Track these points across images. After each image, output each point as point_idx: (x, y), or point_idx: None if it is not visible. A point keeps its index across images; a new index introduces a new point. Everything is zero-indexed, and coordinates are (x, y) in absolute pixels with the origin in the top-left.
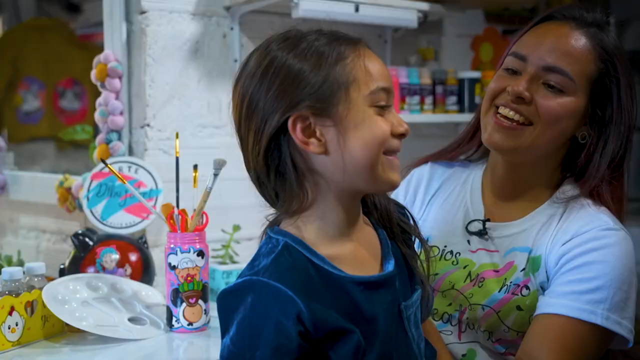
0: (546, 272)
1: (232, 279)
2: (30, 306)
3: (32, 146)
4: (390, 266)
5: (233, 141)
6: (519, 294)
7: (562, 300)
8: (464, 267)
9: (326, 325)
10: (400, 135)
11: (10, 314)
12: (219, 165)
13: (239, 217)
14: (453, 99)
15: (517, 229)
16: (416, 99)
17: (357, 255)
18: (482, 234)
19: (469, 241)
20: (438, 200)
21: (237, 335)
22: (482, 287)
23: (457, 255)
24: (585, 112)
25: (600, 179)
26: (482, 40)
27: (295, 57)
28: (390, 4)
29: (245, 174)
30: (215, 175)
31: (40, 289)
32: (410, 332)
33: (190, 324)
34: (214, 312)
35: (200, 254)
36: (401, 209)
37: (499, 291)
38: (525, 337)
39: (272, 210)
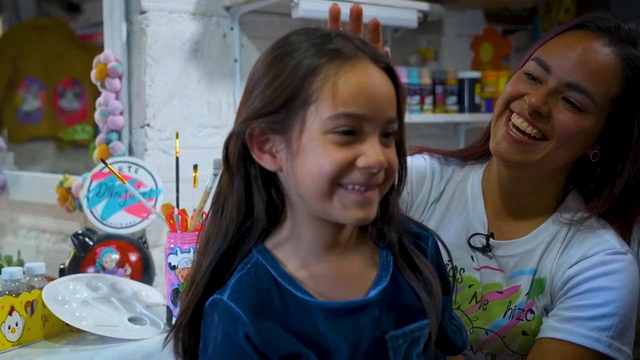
0: (550, 294)
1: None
2: (30, 306)
3: (32, 146)
4: (374, 292)
5: None
6: (524, 318)
7: (567, 326)
8: (469, 287)
9: (277, 349)
10: (365, 169)
11: (10, 314)
12: (219, 165)
13: None
14: (453, 99)
15: (522, 249)
16: (416, 99)
17: (334, 278)
18: (485, 250)
19: (472, 257)
20: (440, 206)
21: (213, 352)
22: (486, 311)
23: (462, 271)
24: (600, 131)
25: (610, 203)
26: (482, 40)
27: (273, 60)
28: (390, 4)
29: None
30: (215, 175)
31: (40, 289)
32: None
33: None
34: None
35: None
36: (416, 237)
37: (504, 316)
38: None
39: None
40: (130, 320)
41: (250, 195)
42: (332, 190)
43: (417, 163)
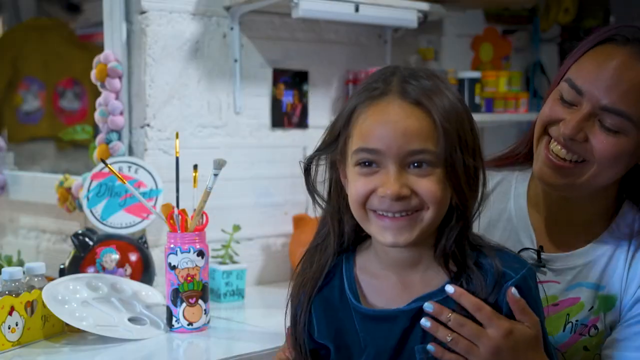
0: (620, 313)
1: (232, 279)
2: (30, 306)
3: (32, 146)
4: (411, 305)
5: (233, 141)
6: (587, 334)
7: (626, 353)
8: None
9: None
10: (382, 197)
11: (10, 314)
12: (219, 165)
13: (239, 217)
14: None
15: (581, 261)
16: None
17: (395, 288)
18: (538, 266)
19: None
20: (483, 219)
21: None
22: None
23: None
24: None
25: None
26: (482, 40)
27: (348, 99)
28: (390, 4)
29: (245, 174)
30: (215, 175)
31: (40, 289)
32: None
33: (190, 324)
34: (214, 312)
35: (200, 254)
36: (500, 277)
37: (564, 330)
38: None
39: None
40: (130, 320)
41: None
42: (366, 215)
43: None
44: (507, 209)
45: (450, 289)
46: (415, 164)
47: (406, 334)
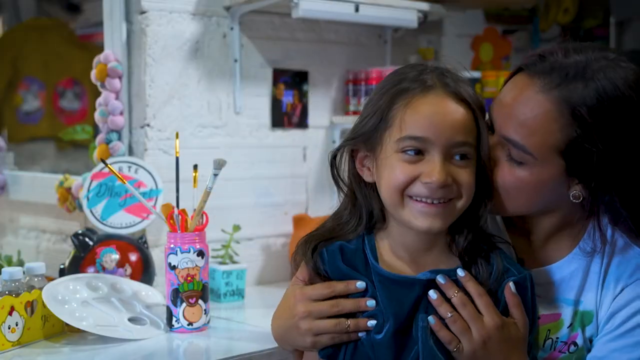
0: (597, 327)
1: (232, 279)
2: (30, 306)
3: (32, 146)
4: (425, 274)
5: (233, 141)
6: (567, 351)
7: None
8: None
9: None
10: (426, 184)
11: (10, 314)
12: (219, 165)
13: (239, 217)
14: None
15: (558, 276)
16: None
17: (407, 265)
18: None
19: None
20: None
21: None
22: None
23: None
24: (567, 173)
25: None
26: (482, 40)
27: (377, 88)
28: (390, 4)
29: (245, 174)
30: (215, 175)
31: (40, 289)
32: (418, 341)
33: (190, 324)
34: (214, 312)
35: (200, 254)
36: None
37: (543, 346)
38: None
39: None
40: (130, 320)
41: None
42: (402, 200)
43: None
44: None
45: (461, 272)
46: (459, 156)
47: (417, 301)
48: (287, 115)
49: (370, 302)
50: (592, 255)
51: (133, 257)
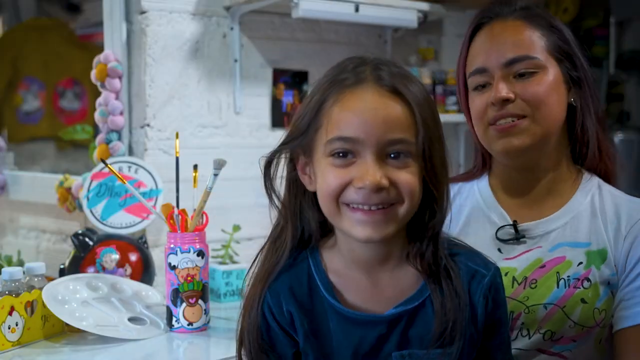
0: (615, 266)
1: (232, 279)
2: (30, 306)
3: (32, 146)
4: (391, 312)
5: (233, 141)
6: (581, 286)
7: (635, 309)
8: (505, 275)
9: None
10: (360, 189)
11: (10, 314)
12: (219, 165)
13: (239, 217)
14: (453, 99)
15: (558, 224)
16: None
17: (364, 290)
18: (518, 238)
19: (499, 249)
20: (456, 220)
21: None
22: (537, 288)
23: None
24: (563, 78)
25: (595, 141)
26: None
27: (310, 91)
28: (390, 4)
29: (245, 174)
30: (215, 175)
31: (40, 289)
32: None
33: (190, 324)
34: (214, 312)
35: (200, 254)
36: (473, 274)
37: (558, 287)
38: (616, 358)
39: None
40: (130, 320)
41: (303, 210)
42: (338, 208)
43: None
44: (477, 204)
45: None
46: (394, 155)
47: (381, 339)
48: (287, 115)
49: None
50: (594, 195)
51: (133, 257)
